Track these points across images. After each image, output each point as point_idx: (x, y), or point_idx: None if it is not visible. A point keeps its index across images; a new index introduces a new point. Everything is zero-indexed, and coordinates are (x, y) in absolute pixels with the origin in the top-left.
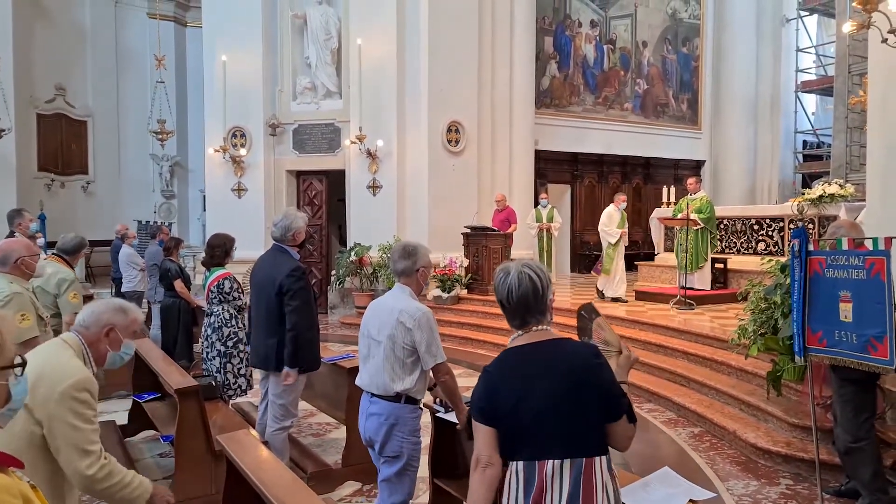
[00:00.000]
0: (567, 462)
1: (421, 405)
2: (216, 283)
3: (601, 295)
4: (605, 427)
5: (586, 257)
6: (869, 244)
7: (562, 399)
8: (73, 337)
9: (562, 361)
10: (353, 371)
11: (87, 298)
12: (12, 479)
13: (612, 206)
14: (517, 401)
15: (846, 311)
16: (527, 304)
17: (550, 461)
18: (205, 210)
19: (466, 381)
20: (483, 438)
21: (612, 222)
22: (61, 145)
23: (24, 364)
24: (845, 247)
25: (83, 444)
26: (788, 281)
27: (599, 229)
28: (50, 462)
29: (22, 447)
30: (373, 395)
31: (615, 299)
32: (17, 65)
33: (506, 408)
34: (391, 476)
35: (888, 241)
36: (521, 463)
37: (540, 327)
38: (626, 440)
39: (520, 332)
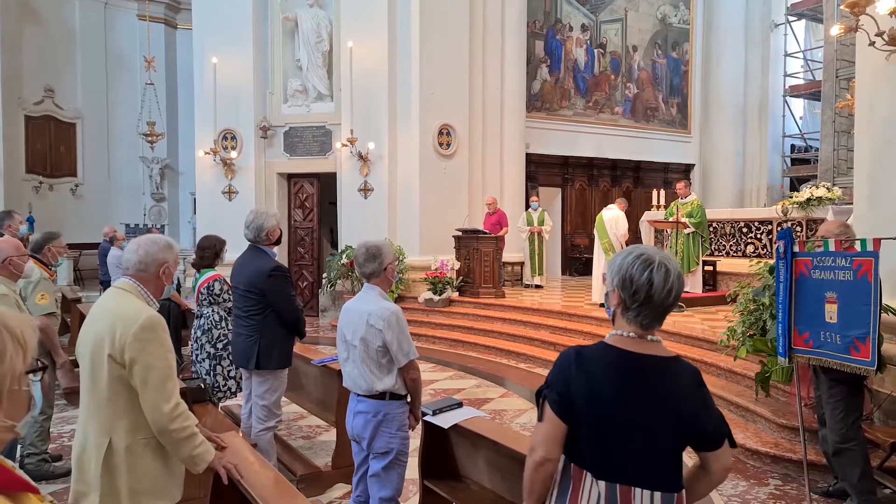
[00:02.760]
0: (658, 496)
1: (407, 400)
2: (206, 284)
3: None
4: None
5: (577, 260)
6: (857, 245)
7: (664, 427)
8: (126, 281)
9: (672, 385)
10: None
11: (76, 301)
12: None
13: (619, 210)
14: (610, 409)
15: (831, 312)
16: (671, 308)
17: (639, 490)
18: (195, 213)
19: (457, 383)
20: (547, 430)
21: (622, 227)
22: (50, 147)
23: (45, 368)
24: (832, 248)
25: (159, 381)
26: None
27: (613, 234)
28: None
29: (121, 390)
30: (359, 395)
31: None
32: (5, 66)
33: (603, 411)
34: (379, 471)
35: (877, 241)
36: (602, 483)
37: (655, 338)
38: (723, 470)
39: (630, 333)
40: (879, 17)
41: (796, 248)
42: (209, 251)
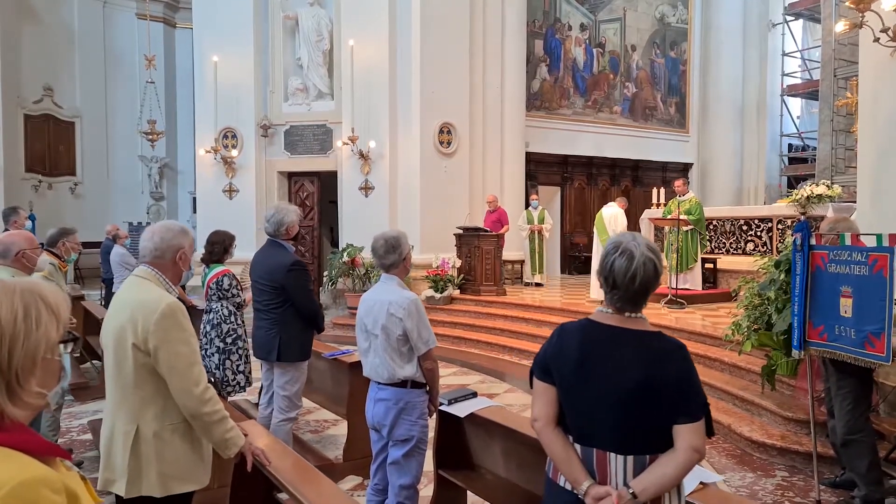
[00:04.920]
0: (630, 459)
1: (427, 389)
2: (215, 279)
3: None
4: (673, 428)
5: (576, 259)
6: (872, 240)
7: (633, 394)
8: (144, 269)
9: (644, 356)
10: (354, 366)
11: (78, 299)
12: (57, 472)
13: (619, 207)
14: (581, 376)
15: (846, 306)
16: (645, 292)
17: (612, 454)
18: (194, 212)
19: (460, 379)
20: (535, 394)
21: (621, 224)
22: (49, 146)
23: (76, 339)
24: (848, 242)
25: (186, 366)
26: (782, 277)
27: (612, 231)
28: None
29: (147, 377)
30: (380, 383)
31: None
32: (4, 65)
33: (567, 375)
34: (399, 458)
35: (893, 237)
36: (579, 446)
37: (636, 315)
38: (690, 449)
39: (609, 310)
40: (884, 13)
41: (813, 241)
42: (218, 246)
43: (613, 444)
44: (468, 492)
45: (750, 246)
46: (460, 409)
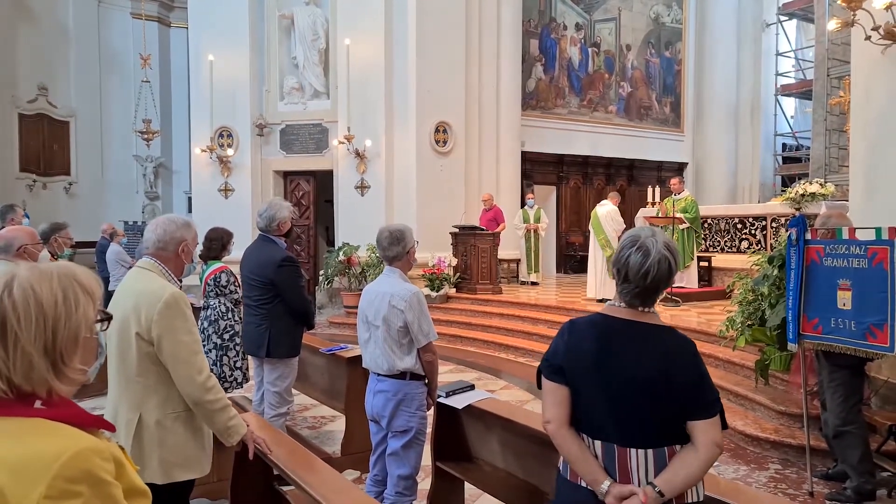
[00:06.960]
0: (651, 453)
1: (426, 381)
2: (213, 276)
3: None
4: (688, 424)
5: (572, 258)
6: (869, 234)
7: (649, 386)
8: (147, 261)
9: (657, 349)
10: (352, 361)
11: None
12: (104, 442)
13: (612, 204)
14: (599, 370)
15: (845, 298)
16: (656, 289)
17: (633, 450)
18: (190, 211)
19: (459, 377)
20: (545, 394)
21: (618, 221)
22: (43, 146)
23: (110, 318)
24: (845, 236)
25: (188, 354)
26: (776, 272)
27: (609, 230)
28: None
29: (150, 366)
30: (379, 374)
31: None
32: None
33: (582, 371)
34: (398, 449)
35: (892, 230)
36: (598, 442)
37: (647, 310)
38: (710, 443)
39: (621, 304)
40: (875, 11)
41: (808, 236)
42: (216, 243)
43: (633, 439)
44: (466, 483)
45: (744, 244)
46: (458, 401)
